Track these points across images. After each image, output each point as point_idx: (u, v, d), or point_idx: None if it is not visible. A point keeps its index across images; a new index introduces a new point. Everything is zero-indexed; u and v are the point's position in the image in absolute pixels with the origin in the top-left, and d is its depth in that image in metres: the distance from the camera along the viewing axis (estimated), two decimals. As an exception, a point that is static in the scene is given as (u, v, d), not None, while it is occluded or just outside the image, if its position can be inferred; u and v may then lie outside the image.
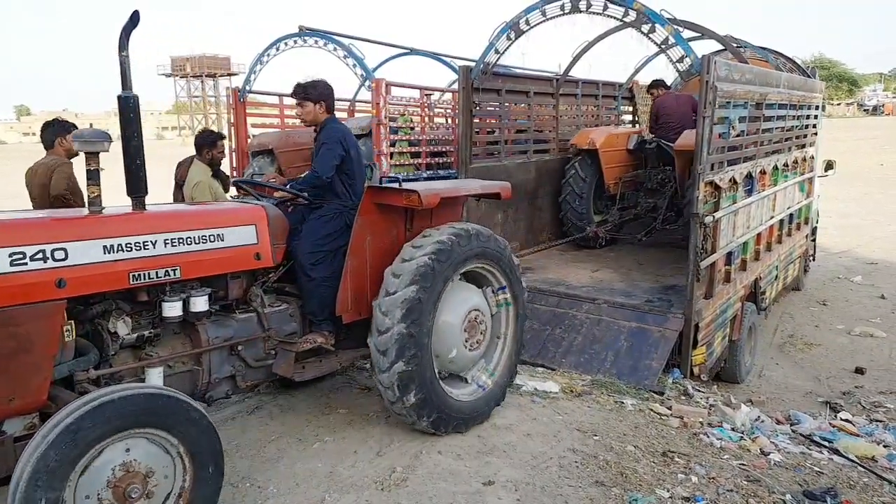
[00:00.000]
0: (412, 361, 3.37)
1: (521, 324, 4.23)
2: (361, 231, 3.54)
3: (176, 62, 74.63)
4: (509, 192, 4.14)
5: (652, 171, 7.87)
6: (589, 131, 7.69)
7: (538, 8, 5.61)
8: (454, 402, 3.68)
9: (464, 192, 3.94)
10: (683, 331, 5.20)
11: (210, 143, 5.28)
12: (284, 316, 3.60)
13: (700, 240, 5.08)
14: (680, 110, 7.58)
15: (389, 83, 6.49)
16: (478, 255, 3.72)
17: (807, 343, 7.19)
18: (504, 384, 4.07)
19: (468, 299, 3.78)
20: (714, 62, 4.80)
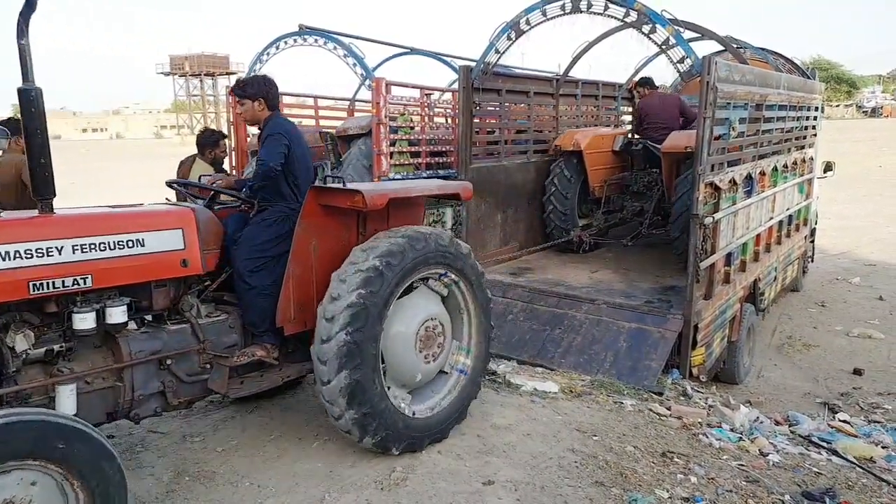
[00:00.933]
0: (357, 372, 3.10)
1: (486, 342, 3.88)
2: (305, 235, 3.32)
3: (175, 61, 74.55)
4: (470, 193, 3.90)
5: (638, 174, 7.61)
6: (573, 132, 7.47)
7: (538, 8, 5.62)
8: (408, 418, 3.41)
9: (416, 193, 3.66)
10: (682, 332, 5.20)
11: (212, 142, 5.29)
12: (223, 327, 3.33)
13: (699, 241, 5.09)
14: (666, 111, 7.37)
15: (390, 82, 6.48)
16: (435, 261, 3.46)
17: (805, 344, 7.20)
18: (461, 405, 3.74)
19: (425, 308, 3.52)
20: (715, 63, 4.81)
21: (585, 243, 7.33)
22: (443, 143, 7.24)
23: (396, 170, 6.66)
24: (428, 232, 3.48)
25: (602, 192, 7.45)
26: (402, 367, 3.46)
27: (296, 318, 3.37)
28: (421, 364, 3.50)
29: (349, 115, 9.14)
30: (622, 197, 7.71)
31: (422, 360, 3.50)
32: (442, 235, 3.53)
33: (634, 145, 7.44)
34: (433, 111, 7.35)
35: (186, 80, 76.40)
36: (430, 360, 3.56)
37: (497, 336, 5.67)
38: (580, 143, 7.14)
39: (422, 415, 3.53)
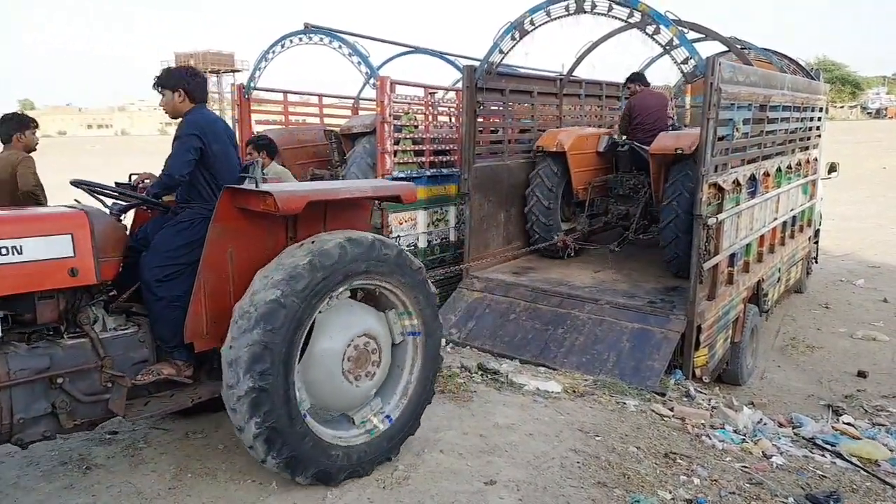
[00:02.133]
0: (264, 379, 2.78)
1: (433, 366, 3.53)
2: (219, 240, 3.00)
3: (180, 58, 74.50)
4: (413, 195, 3.56)
5: (624, 176, 7.21)
6: (556, 132, 7.09)
7: (543, 8, 5.61)
8: (325, 443, 3.08)
9: (344, 195, 3.24)
10: (685, 332, 5.20)
11: None
12: (131, 342, 3.04)
13: (703, 241, 5.08)
14: (656, 111, 7.03)
15: (394, 81, 6.48)
16: (370, 272, 3.12)
17: (809, 346, 7.19)
18: (399, 434, 3.39)
19: (358, 323, 3.20)
20: (718, 64, 4.80)
21: (570, 248, 7.05)
22: (446, 142, 7.23)
23: (400, 168, 6.65)
24: (364, 239, 3.11)
25: (586, 195, 7.11)
26: (324, 389, 3.12)
27: (209, 332, 3.03)
28: (347, 385, 3.14)
29: (353, 114, 9.15)
30: (607, 200, 7.39)
31: (350, 381, 3.14)
32: (384, 243, 3.19)
33: (620, 146, 7.13)
34: (437, 110, 7.34)
35: (191, 77, 76.26)
36: (360, 380, 3.19)
37: (500, 335, 5.71)
38: (563, 144, 6.81)
39: (348, 441, 3.19)
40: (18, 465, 3.33)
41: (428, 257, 7.13)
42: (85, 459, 3.39)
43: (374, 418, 3.33)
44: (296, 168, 7.74)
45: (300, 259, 2.91)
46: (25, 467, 3.32)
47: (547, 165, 6.92)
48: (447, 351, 5.56)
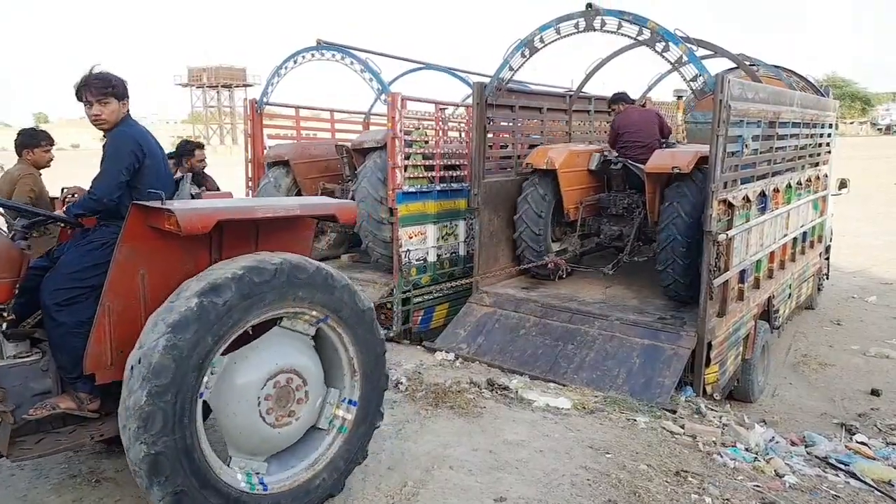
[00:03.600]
0: (158, 444, 2.49)
1: (370, 421, 3.20)
2: (128, 262, 2.75)
3: (192, 73, 75.59)
4: (352, 216, 3.27)
5: (617, 195, 6.91)
6: (547, 149, 6.78)
7: (552, 26, 5.66)
8: (245, 495, 2.78)
9: (263, 214, 2.90)
10: (696, 349, 5.18)
11: (188, 151, 5.41)
12: (32, 371, 2.79)
13: (713, 258, 5.07)
14: (645, 128, 6.78)
15: (405, 97, 6.54)
16: (292, 298, 2.81)
17: (821, 363, 7.13)
18: (334, 473, 3.09)
19: (282, 357, 2.88)
20: (728, 81, 4.82)
21: (561, 270, 6.76)
22: (456, 157, 7.27)
23: (410, 183, 6.70)
24: (285, 263, 2.79)
25: (577, 214, 6.81)
26: (239, 431, 2.82)
27: (114, 363, 2.75)
28: (266, 427, 2.83)
29: (365, 129, 9.22)
30: (599, 219, 7.06)
31: (269, 422, 2.84)
32: (302, 267, 2.84)
33: (613, 164, 6.85)
34: (447, 125, 7.39)
35: (203, 91, 77.38)
36: (283, 421, 2.89)
37: (510, 351, 5.70)
38: (554, 162, 6.52)
39: (274, 487, 2.92)
40: (28, 479, 3.36)
41: (438, 271, 7.15)
42: (95, 472, 3.41)
43: (311, 454, 3.06)
44: (307, 182, 7.82)
45: (189, 300, 2.57)
46: (35, 480, 3.34)
47: (536, 184, 6.66)
48: (456, 366, 5.57)
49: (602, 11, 5.45)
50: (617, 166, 6.80)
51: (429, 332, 6.89)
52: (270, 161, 7.78)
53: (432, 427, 4.09)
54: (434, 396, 4.55)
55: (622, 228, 6.84)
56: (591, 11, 5.47)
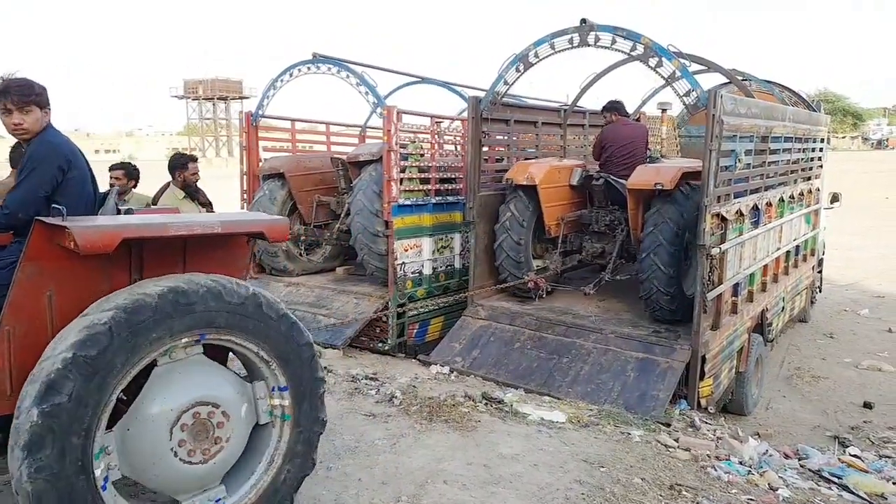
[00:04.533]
0: (48, 458, 2.24)
1: (301, 466, 2.95)
2: (32, 282, 2.51)
3: (188, 85, 75.83)
4: (281, 234, 2.97)
5: (599, 212, 6.69)
6: (527, 164, 6.61)
7: (547, 41, 5.72)
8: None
9: (176, 231, 2.64)
10: (690, 362, 5.20)
11: (181, 165, 5.38)
12: None
13: (706, 271, 5.11)
14: (633, 142, 6.59)
15: (401, 111, 6.58)
16: (205, 325, 2.59)
17: (814, 376, 7.15)
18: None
19: (199, 387, 2.64)
20: (720, 97, 4.88)
21: (542, 289, 6.45)
22: (452, 170, 7.31)
23: (406, 195, 6.73)
24: (203, 286, 2.58)
25: (559, 231, 6.62)
26: (172, 482, 2.61)
27: (14, 391, 2.47)
28: (197, 467, 2.61)
29: (361, 142, 9.26)
30: (581, 236, 6.86)
31: (198, 461, 2.61)
32: (227, 291, 2.63)
33: (595, 179, 6.64)
34: (443, 138, 7.43)
35: (199, 103, 77.57)
36: (213, 450, 2.65)
37: (504, 364, 5.71)
38: (534, 177, 6.33)
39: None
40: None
41: (433, 284, 7.17)
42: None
43: (238, 491, 2.80)
44: (302, 195, 7.83)
45: (63, 352, 2.31)
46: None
47: (517, 199, 6.48)
48: (451, 379, 5.57)
49: (596, 27, 5.52)
50: (599, 182, 6.60)
51: (424, 346, 6.89)
52: (265, 174, 7.79)
53: (426, 441, 4.09)
54: (429, 410, 4.54)
55: (605, 246, 6.66)
56: (585, 27, 5.54)
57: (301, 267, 7.92)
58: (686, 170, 5.81)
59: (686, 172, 5.76)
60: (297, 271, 7.86)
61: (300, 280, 7.65)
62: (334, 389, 5.10)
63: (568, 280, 7.17)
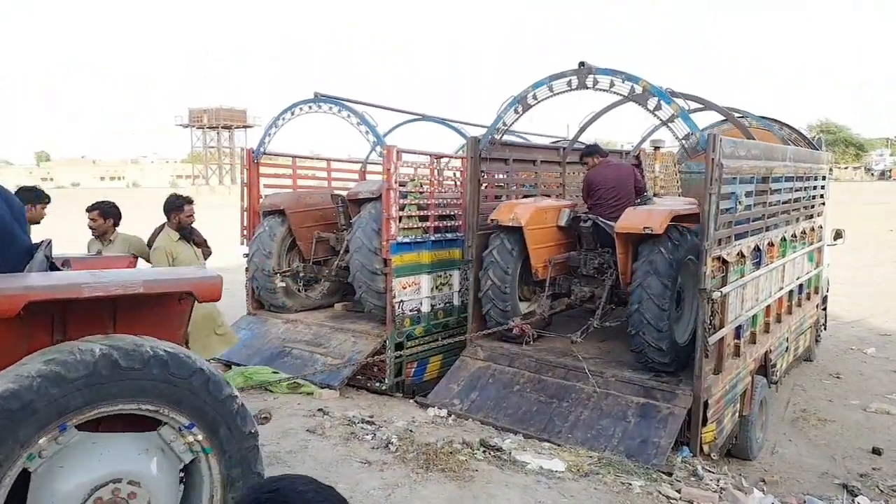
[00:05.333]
0: None
1: (249, 483, 2.71)
2: None
3: (194, 114, 76.80)
4: (215, 293, 2.75)
5: (588, 254, 6.45)
6: (513, 204, 6.39)
7: (545, 84, 5.74)
8: None
9: (89, 293, 2.44)
10: (692, 408, 5.10)
11: (176, 207, 5.31)
12: None
13: (708, 315, 5.03)
14: (620, 184, 6.42)
15: (401, 150, 6.60)
16: (124, 395, 2.41)
17: (820, 419, 7.01)
18: None
19: (90, 471, 2.39)
20: (720, 140, 4.86)
21: (528, 336, 6.18)
22: (451, 207, 7.30)
23: (404, 233, 6.71)
24: (116, 350, 2.41)
25: (546, 273, 6.36)
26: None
27: None
28: None
29: (361, 178, 9.28)
30: (569, 279, 6.61)
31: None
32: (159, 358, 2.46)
33: (583, 221, 6.42)
34: (442, 176, 7.44)
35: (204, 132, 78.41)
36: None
37: (503, 408, 5.61)
38: (520, 218, 6.11)
39: None
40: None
41: (431, 322, 7.11)
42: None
43: None
44: (302, 231, 7.82)
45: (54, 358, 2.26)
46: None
47: (501, 244, 6.26)
48: (449, 423, 5.47)
49: (594, 70, 5.54)
50: (587, 224, 6.38)
51: (422, 385, 6.80)
52: (266, 210, 7.80)
53: (422, 493, 3.99)
54: (425, 458, 4.44)
55: (594, 290, 6.39)
56: (583, 70, 5.56)
57: (299, 303, 7.87)
58: (677, 212, 5.67)
59: (677, 215, 5.63)
60: (296, 307, 7.81)
61: (298, 317, 7.59)
62: (330, 434, 5.00)
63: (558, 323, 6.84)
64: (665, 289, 5.38)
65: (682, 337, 5.69)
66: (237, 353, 6.93)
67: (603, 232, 6.31)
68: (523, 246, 6.26)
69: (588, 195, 6.62)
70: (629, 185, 6.49)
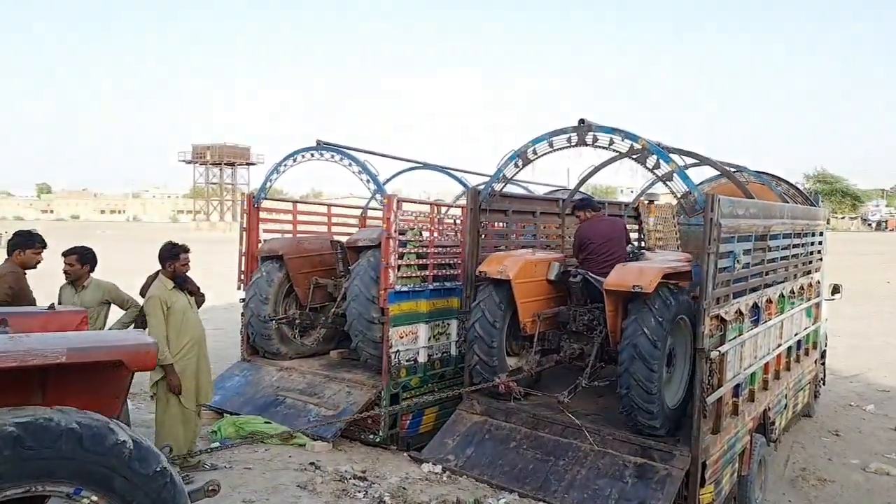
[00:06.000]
0: None
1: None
2: None
3: (197, 150, 77.66)
4: (148, 362, 2.61)
5: (578, 310, 6.20)
6: (501, 256, 6.17)
7: (545, 139, 5.82)
8: None
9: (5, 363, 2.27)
10: (690, 469, 5.02)
11: (172, 255, 5.26)
12: None
13: (706, 375, 5.00)
14: (612, 239, 6.24)
15: (401, 199, 6.65)
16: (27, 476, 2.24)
17: (820, 478, 6.90)
18: None
19: None
20: (718, 200, 4.90)
21: (514, 393, 5.89)
22: (450, 256, 7.32)
23: (403, 282, 6.70)
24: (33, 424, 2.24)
25: (535, 328, 6.12)
26: None
27: None
28: None
29: (361, 224, 9.32)
30: (559, 335, 6.35)
31: None
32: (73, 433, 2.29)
33: (572, 276, 6.20)
34: (442, 225, 7.48)
35: (207, 168, 79.14)
36: None
37: (499, 465, 5.52)
38: (508, 271, 5.89)
39: None
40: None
41: (428, 372, 7.05)
42: None
43: None
44: (299, 277, 7.81)
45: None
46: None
47: (489, 297, 6.04)
48: (444, 480, 5.37)
49: (594, 127, 5.62)
50: (577, 279, 6.15)
51: (417, 437, 6.70)
52: (264, 255, 7.80)
53: (414, 557, 3.89)
54: (418, 518, 4.35)
55: (583, 346, 6.14)
56: (583, 127, 5.64)
57: (295, 350, 7.81)
58: (668, 270, 5.52)
59: (668, 273, 5.46)
60: (291, 354, 7.74)
61: (293, 364, 7.52)
62: (321, 490, 4.91)
63: (551, 377, 6.63)
64: (655, 349, 5.16)
65: (672, 399, 5.50)
66: (229, 400, 6.85)
67: (593, 287, 6.10)
68: (511, 299, 6.04)
69: (579, 249, 6.43)
70: (621, 241, 6.34)
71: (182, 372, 5.12)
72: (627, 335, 5.28)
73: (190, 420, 5.29)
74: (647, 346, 5.16)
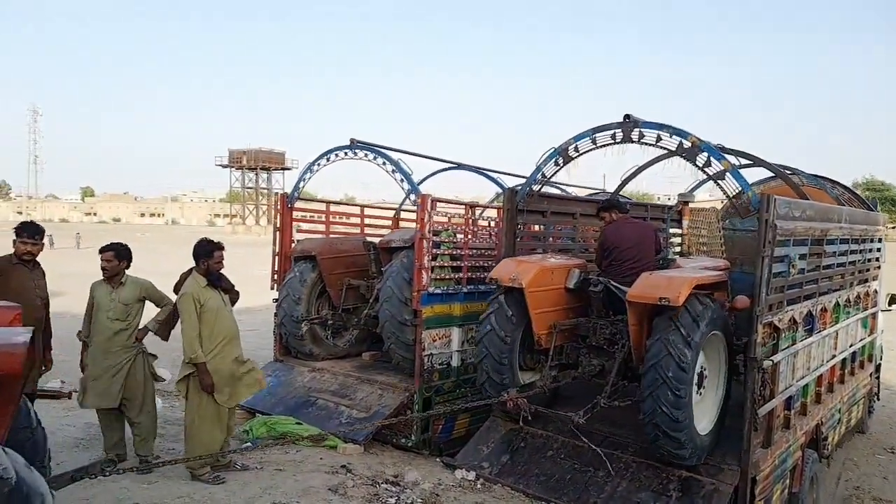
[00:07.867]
0: None
1: None
2: None
3: (233, 155, 78.96)
4: (13, 364, 2.20)
5: (598, 322, 5.63)
6: (515, 262, 5.65)
7: (588, 136, 5.59)
8: None
9: None
10: (739, 485, 4.73)
11: (206, 252, 5.16)
12: None
13: (758, 385, 4.71)
14: (639, 244, 5.66)
15: (435, 199, 6.49)
16: None
17: (875, 498, 6.51)
18: None
19: None
20: (774, 200, 4.62)
21: (525, 411, 5.31)
22: (485, 259, 7.13)
23: (436, 284, 6.54)
24: None
25: (550, 341, 5.56)
26: None
27: None
28: None
29: (395, 224, 9.20)
30: (578, 349, 5.78)
31: None
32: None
33: (593, 284, 5.66)
34: (477, 226, 7.30)
35: (243, 172, 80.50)
36: None
37: (535, 474, 5.31)
38: (521, 279, 5.38)
39: None
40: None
41: (462, 376, 6.87)
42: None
43: None
44: (332, 277, 7.71)
45: None
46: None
47: (499, 308, 5.55)
48: (477, 488, 5.16)
49: (640, 123, 5.37)
50: (598, 288, 5.59)
51: (450, 442, 6.52)
52: (297, 255, 7.73)
53: (447, 569, 3.70)
54: (451, 528, 4.16)
55: (604, 362, 5.56)
56: (629, 123, 5.40)
57: (327, 351, 7.71)
58: (701, 280, 4.93)
59: (700, 283, 4.87)
60: (323, 355, 7.65)
61: (325, 365, 7.41)
62: (353, 494, 4.76)
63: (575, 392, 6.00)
64: (683, 372, 4.54)
65: (703, 425, 4.91)
66: (261, 400, 6.76)
67: (616, 297, 5.49)
68: (525, 309, 5.48)
69: (602, 255, 5.84)
70: (650, 246, 5.71)
71: (216, 370, 5.01)
72: (651, 356, 4.68)
73: (223, 419, 5.18)
74: (674, 368, 4.54)
